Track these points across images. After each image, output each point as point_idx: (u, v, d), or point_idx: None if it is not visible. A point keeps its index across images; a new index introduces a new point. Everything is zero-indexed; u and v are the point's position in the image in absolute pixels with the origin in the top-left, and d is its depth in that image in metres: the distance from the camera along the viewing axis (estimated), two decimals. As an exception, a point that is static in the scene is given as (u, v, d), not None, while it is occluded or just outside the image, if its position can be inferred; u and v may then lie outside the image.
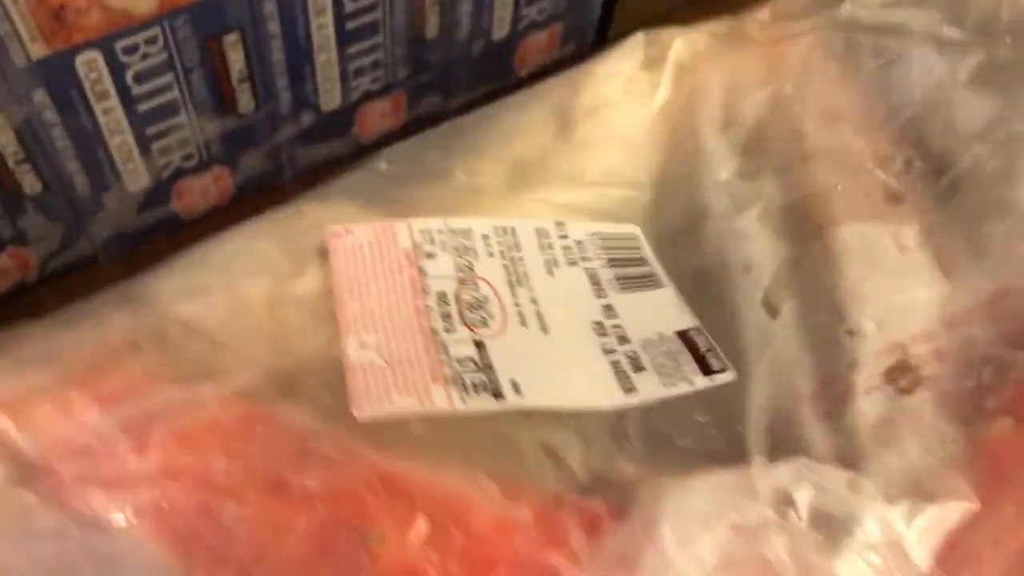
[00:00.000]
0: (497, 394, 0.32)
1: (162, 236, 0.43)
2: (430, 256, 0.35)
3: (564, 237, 0.38)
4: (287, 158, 0.43)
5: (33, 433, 0.29)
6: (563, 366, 0.34)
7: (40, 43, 0.32)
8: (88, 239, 0.41)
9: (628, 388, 0.34)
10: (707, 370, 0.34)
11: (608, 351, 0.34)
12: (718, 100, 0.44)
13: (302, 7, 0.37)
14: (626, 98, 0.43)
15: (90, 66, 0.34)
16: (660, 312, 0.36)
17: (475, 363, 0.33)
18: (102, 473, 0.28)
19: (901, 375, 0.33)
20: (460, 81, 0.45)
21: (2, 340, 0.33)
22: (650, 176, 0.41)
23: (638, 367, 0.34)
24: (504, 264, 0.36)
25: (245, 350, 0.33)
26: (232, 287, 0.34)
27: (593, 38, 0.49)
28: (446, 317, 0.34)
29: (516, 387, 0.33)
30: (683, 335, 0.35)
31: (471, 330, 0.34)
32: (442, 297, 0.34)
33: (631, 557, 0.28)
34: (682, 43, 0.45)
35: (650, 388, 0.33)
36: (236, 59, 0.37)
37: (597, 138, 0.42)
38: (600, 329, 0.35)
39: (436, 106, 0.46)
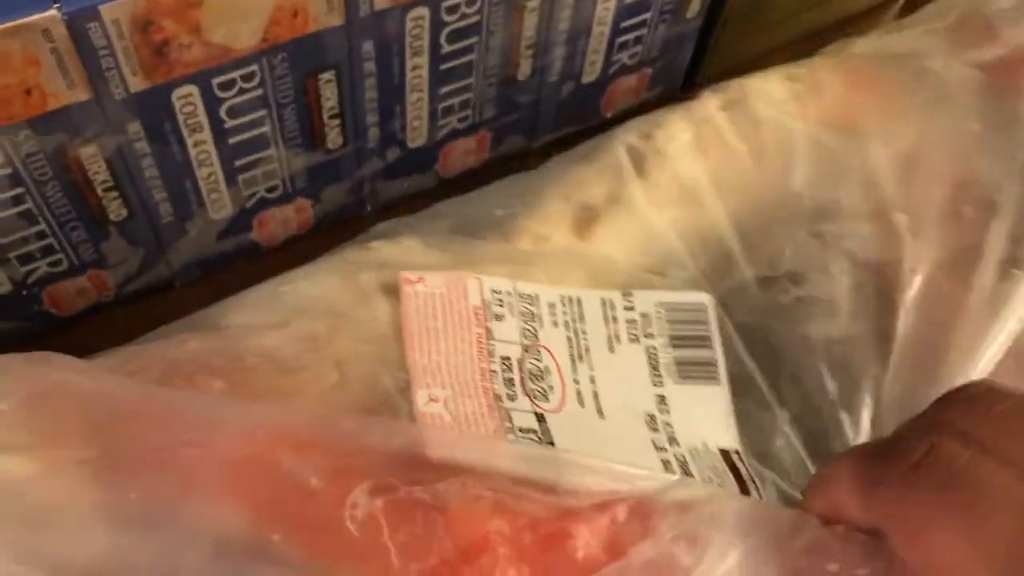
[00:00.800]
0: None
1: (240, 262, 0.43)
2: (498, 318, 0.35)
3: (630, 308, 0.36)
4: (369, 192, 0.43)
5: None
6: (617, 455, 0.31)
7: (140, 77, 0.32)
8: (167, 264, 0.40)
9: None
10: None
11: (659, 448, 0.33)
12: (801, 150, 0.43)
13: (399, 48, 0.36)
14: (702, 146, 0.41)
15: (186, 100, 0.34)
16: (710, 419, 0.35)
17: (537, 436, 0.32)
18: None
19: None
20: (546, 122, 0.45)
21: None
22: (729, 230, 0.40)
23: (687, 474, 0.33)
24: (568, 336, 0.35)
25: (311, 385, 0.32)
26: (300, 322, 0.34)
27: (682, 82, 0.48)
28: (509, 383, 0.33)
29: None
30: (726, 455, 0.34)
31: (532, 401, 0.33)
32: (506, 362, 0.34)
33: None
34: (761, 89, 0.43)
35: None
36: (329, 96, 0.37)
37: (670, 189, 0.40)
38: (652, 424, 0.34)
39: (520, 145, 0.45)
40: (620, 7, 0.40)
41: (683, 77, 0.48)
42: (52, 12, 0.29)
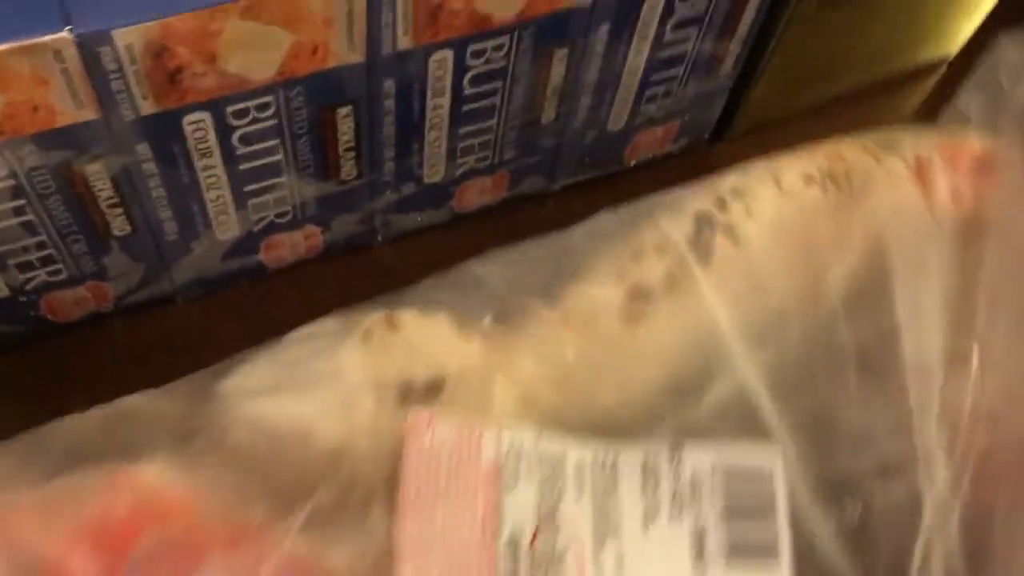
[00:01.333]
0: None
1: (243, 282, 0.42)
2: (512, 485, 0.30)
3: (677, 472, 0.30)
4: (381, 223, 0.42)
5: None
6: None
7: (151, 101, 0.31)
8: (169, 279, 0.40)
9: None
10: None
11: None
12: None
13: (420, 88, 0.35)
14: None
15: (197, 125, 0.33)
16: None
17: None
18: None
19: None
20: (567, 165, 0.44)
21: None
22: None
23: None
24: (595, 508, 0.30)
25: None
26: (302, 425, 0.31)
27: (709, 135, 0.47)
28: (512, 572, 0.29)
29: None
30: None
31: None
32: (514, 543, 0.29)
33: None
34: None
35: None
36: (346, 130, 0.36)
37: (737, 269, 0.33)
38: None
39: (539, 186, 0.44)
40: (651, 61, 0.39)
41: (712, 129, 0.47)
42: (63, 34, 0.28)
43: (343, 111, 0.35)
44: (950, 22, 0.48)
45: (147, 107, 0.31)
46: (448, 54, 0.34)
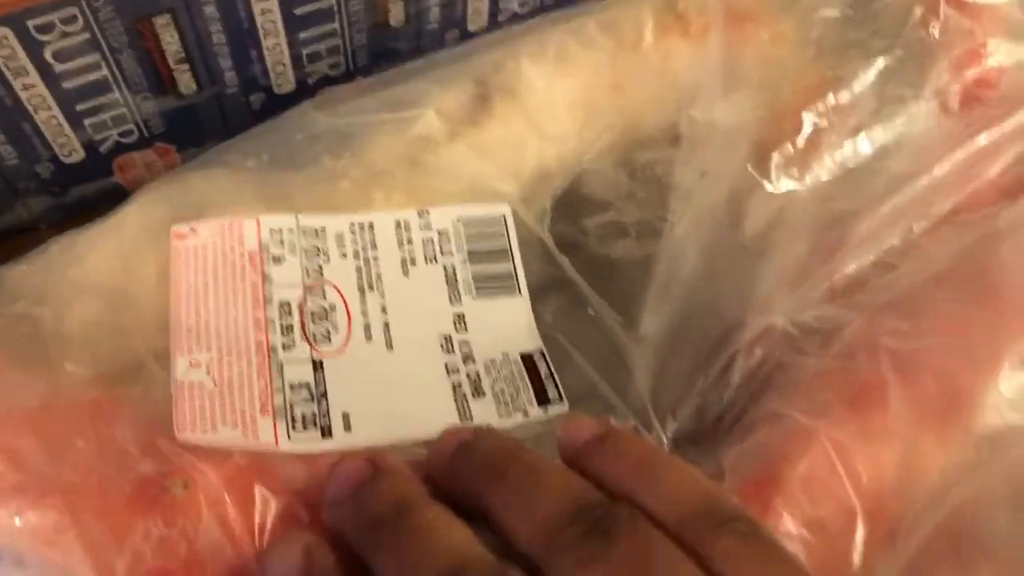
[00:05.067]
0: (325, 431, 0.30)
1: (108, 206, 0.41)
2: (277, 260, 0.33)
3: (427, 228, 0.35)
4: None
5: None
6: (402, 391, 0.32)
7: (-59, 18, 0.30)
8: (25, 207, 0.39)
9: (465, 417, 0.32)
10: (543, 399, 0.33)
11: (452, 371, 0.32)
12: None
13: (240, -8, 0.34)
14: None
15: (1, 42, 0.32)
16: (509, 327, 0.34)
17: (309, 390, 0.30)
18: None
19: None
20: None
21: None
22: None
23: (478, 391, 0.32)
24: (357, 266, 0.34)
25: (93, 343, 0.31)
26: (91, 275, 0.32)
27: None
28: (287, 331, 0.31)
29: (347, 422, 0.30)
30: (526, 359, 0.33)
31: (312, 346, 0.31)
32: (285, 307, 0.32)
33: None
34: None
35: (486, 417, 0.32)
36: (171, 40, 0.35)
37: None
38: (447, 345, 0.33)
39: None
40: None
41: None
42: None
43: (161, 20, 0.34)
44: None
45: (-61, 25, 0.31)
46: (259, -46, 0.33)
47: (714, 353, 0.32)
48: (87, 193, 0.40)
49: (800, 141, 0.34)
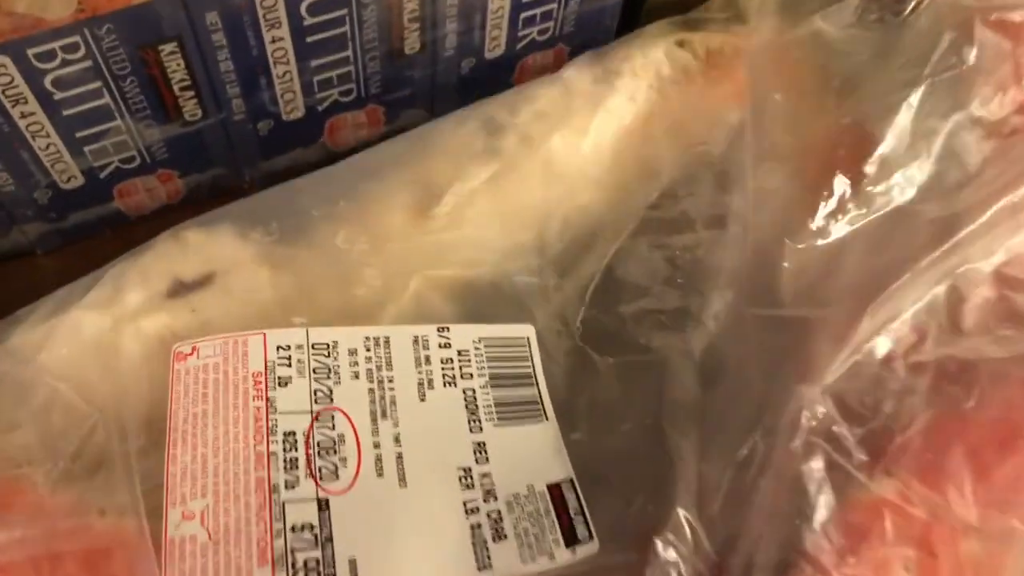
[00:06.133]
0: None
1: (107, 232, 0.40)
2: (283, 383, 0.30)
3: (446, 347, 0.32)
4: (245, 164, 0.40)
5: None
6: (414, 535, 0.28)
7: (-64, 47, 0.29)
8: (21, 232, 0.38)
9: (483, 564, 0.29)
10: (571, 539, 0.30)
11: (471, 511, 0.29)
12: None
13: (252, 20, 0.33)
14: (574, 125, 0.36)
15: (1, 71, 0.31)
16: (535, 456, 0.31)
17: (314, 535, 0.27)
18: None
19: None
20: (447, 96, 0.41)
21: None
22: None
23: (499, 535, 0.29)
24: (370, 388, 0.30)
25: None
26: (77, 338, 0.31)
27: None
28: (291, 466, 0.28)
29: (354, 569, 0.27)
30: (554, 490, 0.30)
31: (317, 484, 0.28)
32: (289, 438, 0.29)
33: None
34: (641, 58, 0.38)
35: (507, 563, 0.29)
36: (176, 68, 0.34)
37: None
38: (467, 479, 0.30)
39: (421, 118, 0.42)
40: (516, -19, 0.36)
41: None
42: None
43: (167, 48, 0.33)
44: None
45: (-66, 53, 0.29)
46: (272, -18, 0.32)
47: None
48: (86, 219, 0.39)
49: (833, 199, 0.32)
